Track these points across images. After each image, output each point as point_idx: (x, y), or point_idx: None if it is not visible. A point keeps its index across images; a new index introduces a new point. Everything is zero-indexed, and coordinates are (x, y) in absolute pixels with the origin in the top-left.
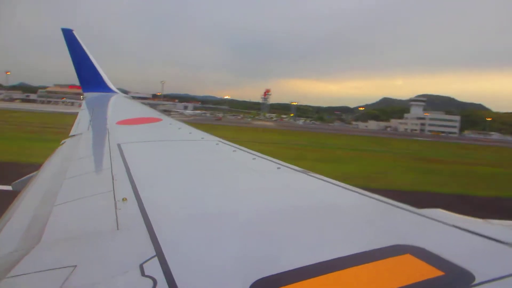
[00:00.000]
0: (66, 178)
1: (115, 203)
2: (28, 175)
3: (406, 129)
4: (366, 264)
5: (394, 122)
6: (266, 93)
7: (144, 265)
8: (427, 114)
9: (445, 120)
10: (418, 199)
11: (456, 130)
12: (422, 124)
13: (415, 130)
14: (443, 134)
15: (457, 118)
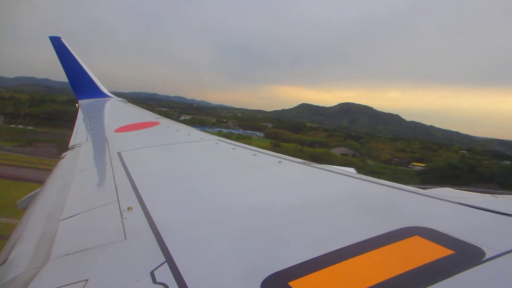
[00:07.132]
0: (70, 192)
1: (121, 213)
2: (32, 193)
3: None
4: (375, 250)
5: None
6: None
7: (155, 272)
8: None
9: None
10: None
11: None
12: None
13: None
14: None
15: None
